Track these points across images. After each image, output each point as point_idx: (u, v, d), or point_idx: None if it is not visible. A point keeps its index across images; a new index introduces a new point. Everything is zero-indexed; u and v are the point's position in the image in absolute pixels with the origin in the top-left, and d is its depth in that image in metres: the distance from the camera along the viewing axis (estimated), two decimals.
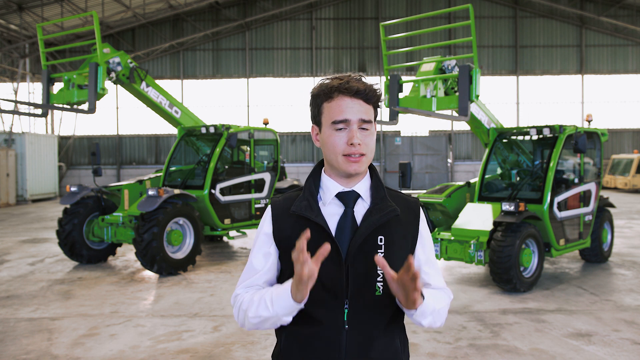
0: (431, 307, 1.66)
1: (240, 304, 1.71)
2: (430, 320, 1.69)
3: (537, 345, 5.13)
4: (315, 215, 1.66)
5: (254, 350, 5.04)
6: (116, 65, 8.85)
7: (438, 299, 1.72)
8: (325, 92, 1.67)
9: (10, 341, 5.37)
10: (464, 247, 7.24)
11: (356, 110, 1.64)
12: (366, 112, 1.66)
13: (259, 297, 1.64)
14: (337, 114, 1.64)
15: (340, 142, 1.65)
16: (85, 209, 9.01)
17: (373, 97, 1.67)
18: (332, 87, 1.66)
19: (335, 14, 26.41)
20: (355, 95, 1.64)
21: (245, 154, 10.47)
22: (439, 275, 1.83)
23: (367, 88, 1.65)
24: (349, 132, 1.64)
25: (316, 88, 1.70)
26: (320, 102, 1.69)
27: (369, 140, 1.67)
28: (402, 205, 1.74)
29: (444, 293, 1.80)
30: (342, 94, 1.64)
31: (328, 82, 1.68)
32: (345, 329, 1.65)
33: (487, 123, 8.46)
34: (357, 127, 1.64)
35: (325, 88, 1.67)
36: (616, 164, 23.93)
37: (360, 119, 1.64)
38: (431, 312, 1.66)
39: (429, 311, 1.65)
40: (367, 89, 1.65)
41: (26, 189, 20.53)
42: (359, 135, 1.64)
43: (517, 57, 26.31)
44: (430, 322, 1.69)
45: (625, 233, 11.96)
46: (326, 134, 1.68)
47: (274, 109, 26.23)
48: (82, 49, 24.34)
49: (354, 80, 1.66)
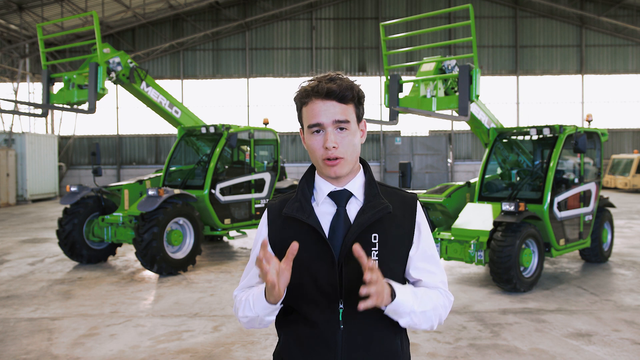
0: (408, 308, 1.59)
1: (236, 303, 1.75)
2: (408, 321, 1.62)
3: (537, 345, 5.13)
4: (307, 217, 1.66)
5: (254, 350, 5.04)
6: (116, 65, 8.85)
7: (423, 299, 1.64)
8: (300, 97, 1.67)
9: (10, 341, 5.37)
10: (464, 247, 7.24)
11: (330, 113, 1.61)
12: (342, 112, 1.62)
13: (245, 297, 1.69)
14: (310, 118, 1.63)
15: (317, 146, 1.64)
16: (85, 209, 9.01)
17: (348, 95, 1.62)
18: (306, 91, 1.65)
19: (335, 14, 26.41)
20: (327, 97, 1.61)
21: (245, 154, 10.47)
22: (438, 272, 1.75)
23: (340, 88, 1.61)
24: (324, 135, 1.63)
25: (296, 92, 1.70)
26: (299, 106, 1.69)
27: (347, 141, 1.63)
28: (398, 202, 1.72)
29: (439, 294, 1.72)
30: (314, 97, 1.62)
31: (304, 85, 1.67)
32: (340, 329, 1.64)
33: (487, 123, 8.46)
34: (332, 129, 1.62)
35: (301, 92, 1.67)
36: (616, 164, 23.93)
37: (334, 120, 1.61)
38: (408, 312, 1.59)
39: (404, 311, 1.59)
40: (340, 89, 1.61)
41: (26, 189, 20.53)
42: (333, 137, 1.61)
43: (517, 57, 26.31)
44: (409, 323, 1.63)
45: (625, 233, 11.96)
46: (306, 137, 1.68)
47: (274, 109, 26.23)
48: (82, 49, 24.33)
49: (326, 80, 1.62)
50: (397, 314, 1.59)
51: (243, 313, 1.68)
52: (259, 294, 1.62)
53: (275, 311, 1.64)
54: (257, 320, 1.67)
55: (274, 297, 1.56)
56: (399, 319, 1.62)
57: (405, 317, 1.61)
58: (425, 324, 1.66)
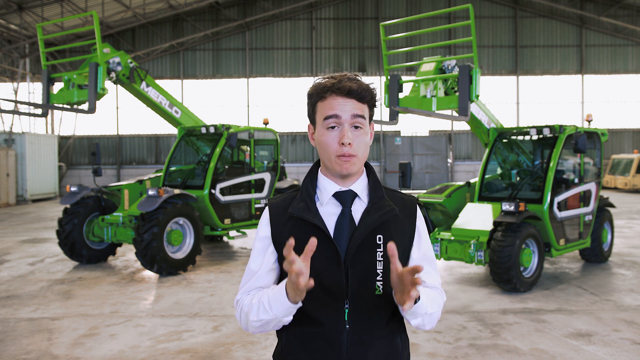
0: (424, 310, 1.63)
1: (241, 308, 1.71)
2: (419, 322, 1.66)
3: (537, 345, 5.13)
4: (313, 217, 1.66)
5: (254, 350, 5.04)
6: (116, 65, 8.85)
7: (433, 302, 1.69)
8: (318, 92, 1.69)
9: (10, 341, 5.37)
10: (464, 247, 7.24)
11: (348, 108, 1.64)
12: (359, 109, 1.66)
13: (258, 300, 1.64)
14: (329, 110, 1.65)
15: (332, 141, 1.65)
16: (85, 209, 9.01)
17: (366, 96, 1.67)
18: (325, 87, 1.67)
19: (335, 14, 26.41)
20: (348, 95, 1.64)
21: (245, 154, 10.47)
22: (436, 273, 1.81)
23: (360, 87, 1.65)
24: (341, 131, 1.65)
25: (312, 87, 1.72)
26: (314, 101, 1.71)
27: (361, 140, 1.67)
28: (399, 204, 1.74)
29: (439, 294, 1.77)
30: (334, 94, 1.65)
31: (322, 82, 1.69)
32: (346, 329, 1.65)
33: (487, 123, 8.46)
34: (349, 126, 1.65)
35: (319, 87, 1.69)
36: (616, 164, 23.93)
37: (352, 114, 1.64)
38: (422, 314, 1.63)
39: (420, 313, 1.63)
40: (360, 88, 1.65)
41: (26, 189, 20.53)
42: (350, 135, 1.64)
43: (517, 57, 26.32)
44: (419, 324, 1.66)
45: (625, 233, 11.96)
46: (319, 133, 1.69)
47: (274, 109, 26.23)
48: (82, 49, 24.33)
49: (347, 79, 1.66)
50: (414, 314, 1.62)
51: (257, 317, 1.62)
52: (278, 295, 1.57)
53: (293, 311, 1.60)
54: (273, 322, 1.62)
55: (299, 296, 1.52)
56: (412, 320, 1.65)
57: (419, 318, 1.64)
58: (429, 325, 1.70)
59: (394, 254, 1.49)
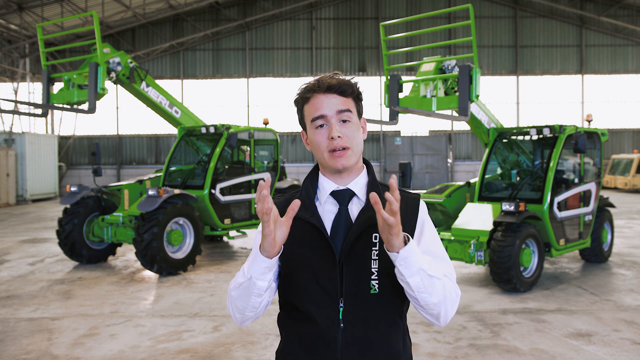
0: (419, 262, 1.51)
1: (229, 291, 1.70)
2: (417, 282, 1.52)
3: (537, 345, 5.14)
4: (310, 215, 1.68)
5: (254, 350, 5.04)
6: (116, 65, 8.85)
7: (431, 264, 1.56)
8: (302, 96, 1.73)
9: (10, 341, 5.37)
10: (464, 247, 7.23)
11: (332, 104, 1.67)
12: (343, 103, 1.68)
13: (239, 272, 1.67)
14: (313, 111, 1.68)
15: (322, 139, 1.68)
16: (85, 209, 9.01)
17: (347, 89, 1.69)
18: (307, 89, 1.71)
19: (335, 14, 26.41)
20: (329, 91, 1.67)
21: (245, 154, 10.47)
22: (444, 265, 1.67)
23: (339, 82, 1.68)
24: (329, 127, 1.67)
25: (296, 94, 1.76)
26: (300, 106, 1.74)
27: (350, 132, 1.68)
28: (402, 202, 1.68)
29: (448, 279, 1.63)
30: (316, 93, 1.69)
31: (304, 86, 1.73)
32: (341, 327, 1.64)
33: (487, 123, 8.46)
34: (336, 120, 1.67)
35: (302, 91, 1.73)
36: (616, 164, 23.93)
37: (337, 110, 1.66)
38: (418, 269, 1.51)
39: (414, 264, 1.50)
40: (340, 83, 1.68)
41: (26, 189, 20.53)
42: (337, 128, 1.66)
43: (517, 57, 26.32)
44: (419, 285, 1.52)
45: (625, 233, 11.96)
46: (310, 134, 1.72)
47: (274, 109, 26.23)
48: (82, 49, 24.34)
49: (326, 77, 1.70)
50: (408, 265, 1.50)
51: (235, 282, 1.63)
52: (254, 254, 1.58)
53: (268, 272, 1.56)
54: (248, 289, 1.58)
55: (270, 248, 1.51)
56: (409, 277, 1.52)
57: (416, 276, 1.52)
58: (434, 297, 1.56)
59: (377, 201, 1.43)
